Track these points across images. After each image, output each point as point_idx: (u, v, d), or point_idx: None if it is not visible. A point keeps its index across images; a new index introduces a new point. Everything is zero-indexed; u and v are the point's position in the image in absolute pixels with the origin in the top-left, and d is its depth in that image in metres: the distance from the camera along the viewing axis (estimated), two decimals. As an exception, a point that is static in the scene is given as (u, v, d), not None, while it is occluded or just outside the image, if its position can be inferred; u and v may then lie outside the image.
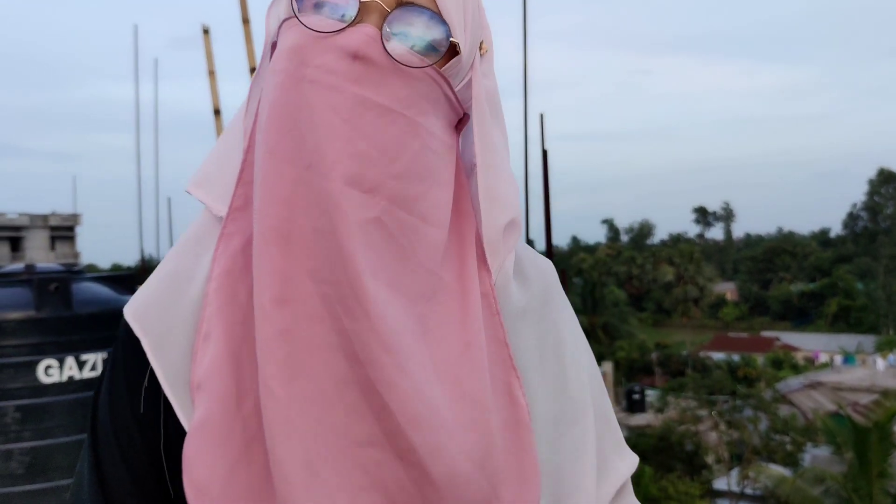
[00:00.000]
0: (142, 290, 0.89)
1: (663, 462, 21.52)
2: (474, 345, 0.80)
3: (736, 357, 39.76)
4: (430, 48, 0.80)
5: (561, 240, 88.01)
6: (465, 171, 0.89)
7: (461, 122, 0.88)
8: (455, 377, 0.79)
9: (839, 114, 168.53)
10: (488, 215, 0.85)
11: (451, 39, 0.81)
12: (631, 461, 0.98)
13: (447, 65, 0.82)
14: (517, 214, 0.88)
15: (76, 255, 45.26)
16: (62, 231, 46.87)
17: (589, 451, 0.91)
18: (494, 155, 0.87)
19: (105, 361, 0.90)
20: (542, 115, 6.63)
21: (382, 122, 0.77)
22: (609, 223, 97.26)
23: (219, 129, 6.26)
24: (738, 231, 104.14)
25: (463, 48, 0.83)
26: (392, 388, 0.74)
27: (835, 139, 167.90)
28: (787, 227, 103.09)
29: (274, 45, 0.84)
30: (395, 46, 0.78)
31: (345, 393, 0.75)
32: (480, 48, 0.87)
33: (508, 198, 0.87)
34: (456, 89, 0.84)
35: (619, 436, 0.98)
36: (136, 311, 0.87)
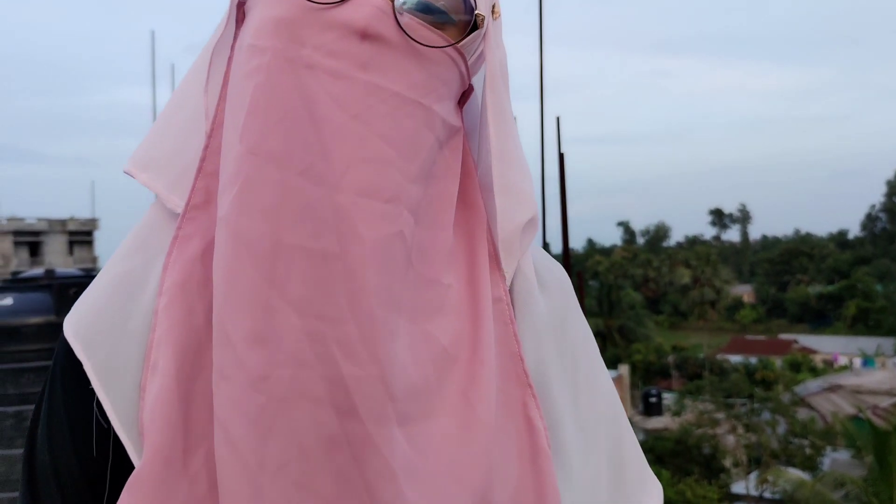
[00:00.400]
0: (83, 301, 0.72)
1: (681, 466, 21.39)
2: (486, 362, 0.68)
3: (753, 360, 39.51)
4: (451, 22, 0.67)
5: (577, 242, 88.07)
6: (471, 154, 0.75)
7: (464, 94, 0.74)
8: (466, 402, 0.67)
9: (856, 114, 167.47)
10: (505, 212, 0.72)
11: (475, 12, 0.68)
12: (658, 497, 0.85)
13: (465, 40, 0.69)
14: (536, 211, 0.74)
15: (94, 260, 45.58)
16: (80, 236, 47.23)
17: (608, 483, 0.79)
18: (510, 140, 0.73)
19: (43, 386, 0.73)
20: (558, 119, 6.64)
21: (398, 116, 0.63)
22: (625, 225, 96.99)
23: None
24: (755, 233, 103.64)
25: (484, 20, 0.70)
26: (392, 444, 0.61)
27: (852, 140, 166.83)
28: (804, 229, 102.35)
29: (242, 6, 0.70)
30: (410, 22, 0.65)
31: (333, 455, 0.60)
32: (493, 12, 0.73)
33: (525, 191, 0.74)
34: (469, 63, 0.71)
35: (644, 465, 0.85)
36: (78, 327, 0.70)
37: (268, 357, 0.60)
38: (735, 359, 40.37)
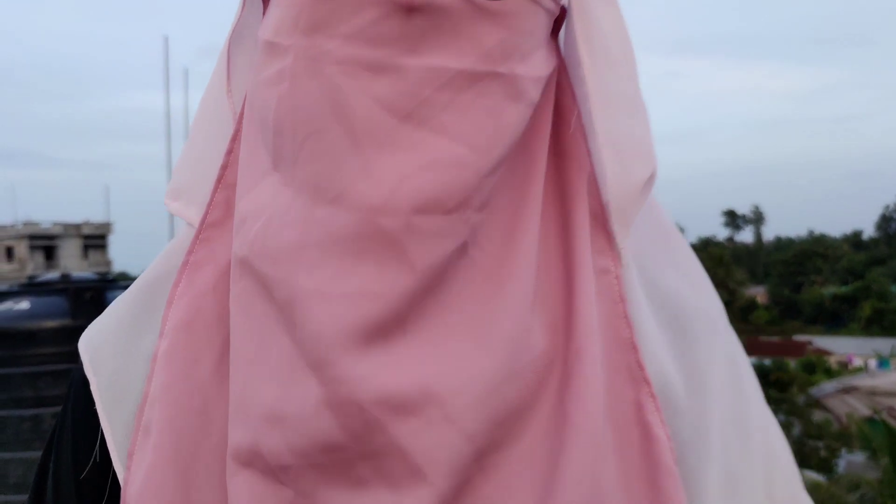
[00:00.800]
0: (106, 311, 0.63)
1: (694, 468, 21.33)
2: (585, 352, 0.52)
3: (767, 361, 39.30)
4: None
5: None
6: (571, 91, 0.57)
7: (558, 18, 0.56)
8: (560, 412, 0.51)
9: (869, 114, 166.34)
10: (616, 168, 0.54)
11: None
12: None
13: None
14: (655, 167, 0.56)
15: (108, 263, 45.85)
16: (95, 239, 47.50)
17: None
18: (612, 75, 0.55)
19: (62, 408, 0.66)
20: (568, 121, 6.64)
21: (467, 100, 0.48)
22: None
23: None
24: (769, 234, 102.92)
25: None
26: (468, 496, 0.49)
27: (865, 140, 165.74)
28: (818, 230, 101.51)
29: None
30: None
31: None
32: None
33: (642, 139, 0.56)
34: None
35: None
36: (91, 341, 0.60)
37: (287, 439, 0.48)
38: (749, 360, 40.19)
